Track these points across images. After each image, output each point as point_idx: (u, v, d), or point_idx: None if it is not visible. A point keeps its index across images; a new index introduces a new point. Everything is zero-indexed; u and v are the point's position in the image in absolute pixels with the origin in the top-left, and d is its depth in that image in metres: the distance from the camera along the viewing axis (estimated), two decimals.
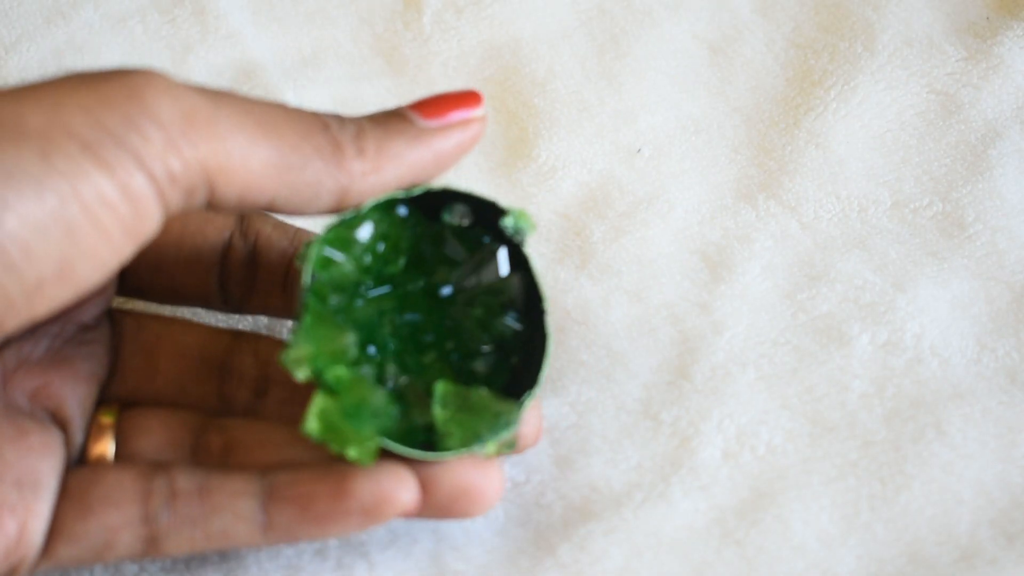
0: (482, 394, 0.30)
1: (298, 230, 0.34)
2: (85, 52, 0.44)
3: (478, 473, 0.29)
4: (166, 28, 0.44)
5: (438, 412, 0.30)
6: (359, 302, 0.31)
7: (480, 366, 0.31)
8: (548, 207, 0.39)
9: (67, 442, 0.30)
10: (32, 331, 0.31)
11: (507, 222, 0.30)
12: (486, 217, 0.31)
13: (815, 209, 0.39)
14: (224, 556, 0.32)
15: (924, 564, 0.31)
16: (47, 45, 0.44)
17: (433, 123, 0.30)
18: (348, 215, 0.30)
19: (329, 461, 0.30)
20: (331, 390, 0.29)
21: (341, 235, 0.30)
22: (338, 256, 0.30)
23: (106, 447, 0.31)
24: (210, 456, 0.31)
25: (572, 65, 0.43)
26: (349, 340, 0.30)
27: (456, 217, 0.31)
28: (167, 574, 0.31)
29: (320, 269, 0.30)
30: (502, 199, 0.33)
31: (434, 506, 0.29)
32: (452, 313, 0.31)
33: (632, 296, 0.37)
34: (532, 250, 0.33)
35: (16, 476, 0.29)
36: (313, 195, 0.28)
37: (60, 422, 0.30)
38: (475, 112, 0.30)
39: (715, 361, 0.35)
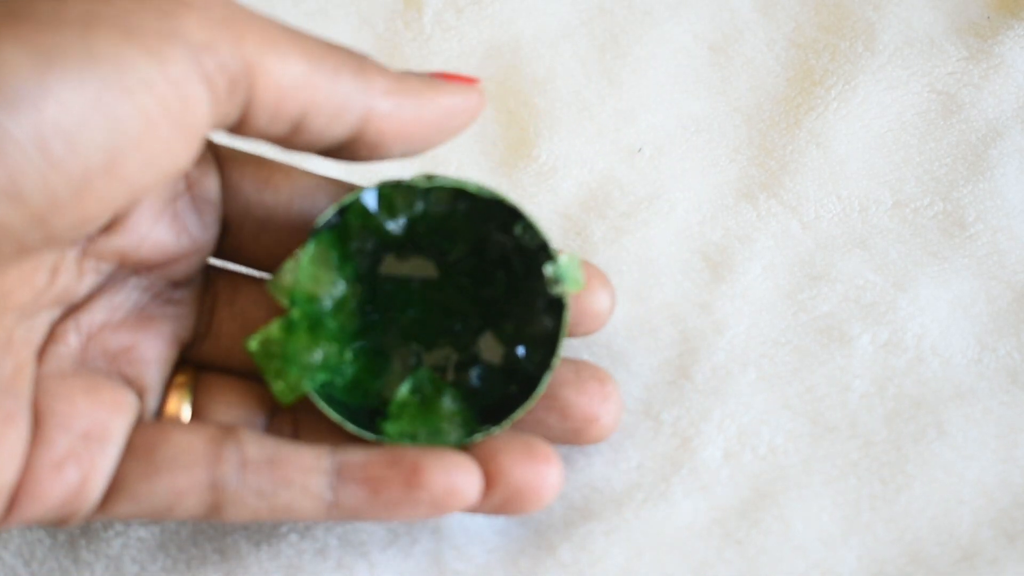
0: (449, 402, 0.31)
1: None
2: None
3: (536, 472, 0.30)
4: None
5: (403, 394, 0.31)
6: (393, 259, 0.31)
7: (472, 376, 0.31)
8: (548, 207, 0.39)
9: (141, 404, 0.30)
10: (123, 282, 0.31)
11: (548, 269, 0.30)
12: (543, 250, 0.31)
13: (816, 209, 0.39)
14: (224, 556, 0.32)
15: (925, 564, 0.31)
16: None
17: (441, 80, 0.30)
18: (411, 179, 0.30)
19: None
20: (289, 324, 0.30)
21: (391, 196, 0.31)
22: (380, 214, 0.31)
23: (179, 408, 0.31)
24: (280, 435, 0.31)
25: (573, 65, 0.43)
26: (329, 288, 0.30)
27: (527, 237, 0.31)
28: (167, 573, 0.31)
29: (353, 216, 0.31)
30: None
31: (493, 502, 0.30)
32: (487, 313, 0.32)
33: (633, 296, 0.37)
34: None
35: (85, 428, 0.28)
36: (340, 108, 0.28)
37: (137, 387, 0.30)
38: (476, 85, 0.30)
39: (716, 361, 0.35)
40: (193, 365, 0.32)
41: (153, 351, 0.31)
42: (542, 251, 0.31)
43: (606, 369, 0.35)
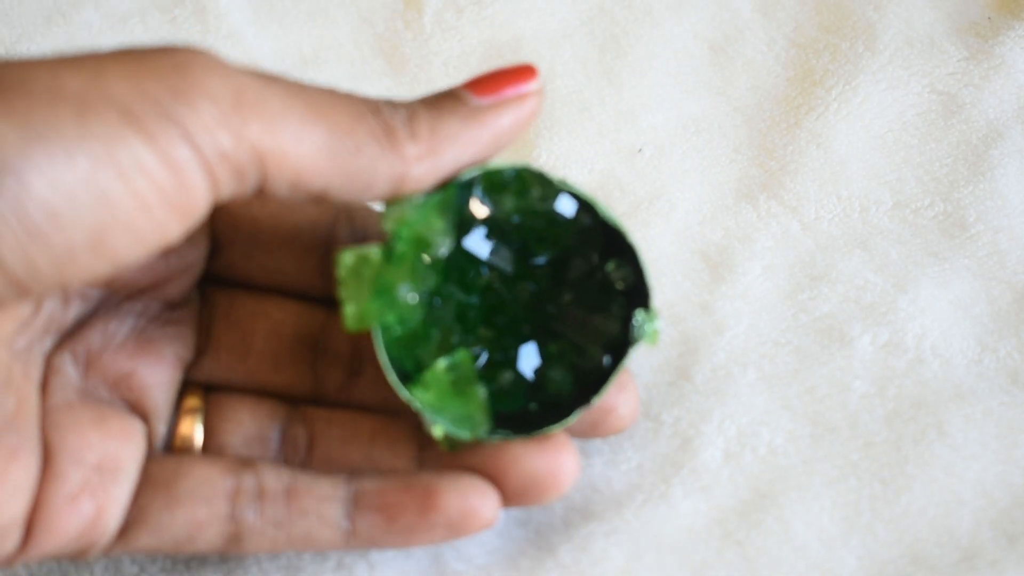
0: (479, 394, 0.30)
1: None
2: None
3: (548, 460, 0.29)
4: (166, 28, 0.44)
5: (439, 367, 0.30)
6: (490, 242, 0.31)
7: (504, 378, 0.31)
8: None
9: (149, 431, 0.30)
10: (116, 308, 0.30)
11: (637, 319, 0.30)
12: (638, 290, 0.31)
13: (816, 209, 0.39)
14: (224, 556, 0.31)
15: (925, 565, 0.31)
16: (47, 45, 0.44)
17: (487, 100, 0.29)
18: (553, 176, 0.30)
19: (414, 467, 0.30)
20: (389, 254, 0.29)
21: (528, 181, 0.30)
22: (506, 193, 0.30)
23: (192, 431, 0.31)
24: (295, 451, 0.31)
25: (573, 65, 0.43)
26: (443, 240, 0.30)
27: (618, 275, 0.31)
28: (167, 574, 0.31)
29: (485, 183, 0.30)
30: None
31: (509, 494, 0.30)
32: (540, 327, 0.31)
33: None
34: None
35: (97, 459, 0.28)
36: (368, 181, 0.28)
37: (141, 413, 0.30)
38: (530, 86, 0.29)
39: (716, 362, 0.35)
40: (199, 385, 0.32)
41: (154, 376, 0.31)
42: (631, 295, 0.31)
43: None
